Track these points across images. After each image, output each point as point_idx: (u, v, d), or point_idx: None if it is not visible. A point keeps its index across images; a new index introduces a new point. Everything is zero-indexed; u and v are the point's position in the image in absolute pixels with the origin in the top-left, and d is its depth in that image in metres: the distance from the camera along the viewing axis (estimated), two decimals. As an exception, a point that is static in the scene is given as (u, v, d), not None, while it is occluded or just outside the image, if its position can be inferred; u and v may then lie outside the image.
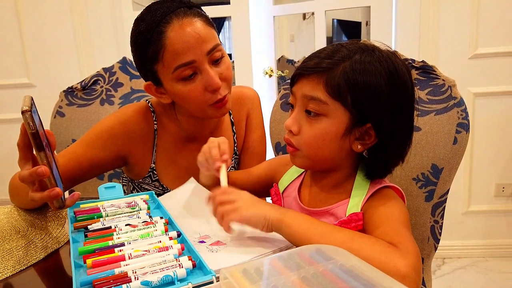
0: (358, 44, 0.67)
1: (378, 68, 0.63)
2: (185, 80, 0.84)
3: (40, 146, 0.57)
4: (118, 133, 0.93)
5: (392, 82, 0.64)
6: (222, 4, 2.13)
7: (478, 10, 1.85)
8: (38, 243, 0.71)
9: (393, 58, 0.66)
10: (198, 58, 0.82)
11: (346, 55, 0.65)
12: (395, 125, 0.66)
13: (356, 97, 0.63)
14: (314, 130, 0.67)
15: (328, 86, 0.64)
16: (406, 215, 0.66)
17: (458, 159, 0.93)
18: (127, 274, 0.48)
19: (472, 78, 1.91)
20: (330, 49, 0.67)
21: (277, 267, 0.47)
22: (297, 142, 0.69)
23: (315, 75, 0.65)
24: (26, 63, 2.16)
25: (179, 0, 0.85)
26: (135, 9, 2.15)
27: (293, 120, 0.69)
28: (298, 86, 0.68)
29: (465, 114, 0.91)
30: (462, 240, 2.11)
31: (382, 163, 0.69)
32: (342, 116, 0.65)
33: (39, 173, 0.58)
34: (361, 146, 0.68)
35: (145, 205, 0.70)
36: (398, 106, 0.65)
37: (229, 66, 0.89)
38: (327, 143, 0.67)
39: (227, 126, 1.05)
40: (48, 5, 2.09)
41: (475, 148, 1.98)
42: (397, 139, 0.68)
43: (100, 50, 2.13)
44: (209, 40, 0.83)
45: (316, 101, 0.65)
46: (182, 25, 0.81)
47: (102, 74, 1.36)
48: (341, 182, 0.72)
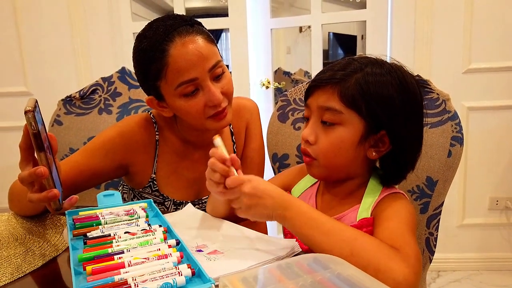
0: (369, 58, 0.71)
1: (389, 79, 0.67)
2: (187, 96, 0.86)
3: (41, 147, 0.58)
4: (120, 143, 0.94)
5: (403, 91, 0.67)
6: (221, 16, 2.16)
7: (471, 25, 1.89)
8: (36, 250, 0.71)
9: (402, 70, 0.70)
10: (200, 75, 0.84)
11: (358, 67, 0.68)
12: (408, 132, 0.69)
13: (370, 105, 0.66)
14: (330, 139, 0.69)
15: (343, 96, 0.67)
16: (413, 217, 0.68)
17: (452, 172, 0.94)
18: (127, 282, 0.49)
19: (466, 92, 1.94)
20: (343, 63, 0.70)
21: (275, 275, 0.48)
22: (314, 151, 0.71)
23: (329, 86, 0.68)
24: (24, 71, 2.16)
25: (181, 18, 0.87)
26: (134, 20, 2.18)
27: (310, 130, 0.71)
28: (313, 98, 0.71)
29: (459, 128, 0.93)
30: (456, 253, 2.12)
31: (396, 170, 0.72)
32: (357, 124, 0.68)
33: (38, 173, 0.59)
34: (376, 153, 0.71)
35: (144, 213, 0.71)
36: (410, 113, 0.69)
37: (229, 81, 0.91)
38: (344, 151, 0.69)
39: (227, 136, 1.07)
40: (47, 14, 2.10)
41: (469, 162, 2.01)
42: (410, 146, 0.71)
43: (97, 60, 2.14)
44: (211, 57, 0.85)
45: (332, 111, 0.68)
46: (185, 43, 0.83)
47: (100, 84, 1.37)
48: (354, 190, 0.75)
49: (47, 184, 0.61)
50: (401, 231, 0.63)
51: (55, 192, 0.61)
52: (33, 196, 0.62)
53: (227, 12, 2.13)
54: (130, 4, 2.16)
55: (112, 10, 2.13)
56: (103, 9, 2.12)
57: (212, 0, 3.64)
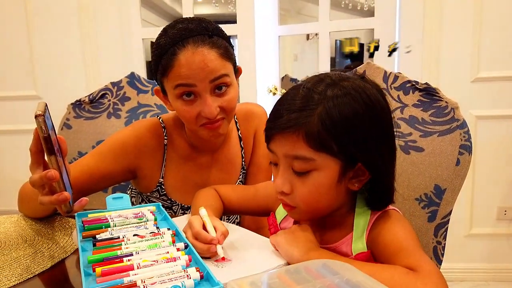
0: (324, 81, 0.63)
1: (352, 103, 0.60)
2: (184, 100, 0.87)
3: (51, 150, 0.58)
4: (129, 147, 0.96)
5: (370, 110, 0.61)
6: (229, 23, 2.18)
7: (480, 34, 1.89)
8: (45, 252, 0.72)
9: (362, 85, 0.63)
10: (200, 84, 0.85)
11: (317, 100, 0.61)
12: (384, 154, 0.64)
13: (341, 142, 0.60)
14: (307, 187, 0.63)
15: (310, 141, 0.60)
16: (413, 233, 0.65)
17: (460, 180, 0.94)
18: (136, 284, 0.49)
19: (474, 101, 1.94)
20: (299, 99, 0.62)
21: (284, 280, 0.48)
22: (292, 201, 0.66)
23: (291, 132, 0.61)
24: (34, 75, 2.19)
25: (204, 26, 0.87)
26: (143, 26, 2.20)
27: (282, 180, 0.65)
28: (276, 145, 0.64)
29: (468, 136, 0.93)
30: (464, 263, 2.09)
31: (383, 193, 0.67)
32: (332, 165, 0.62)
33: (49, 176, 0.60)
34: (358, 184, 0.65)
35: (152, 216, 0.71)
36: (380, 130, 0.63)
37: (232, 98, 0.90)
38: (324, 194, 0.64)
39: (235, 141, 1.07)
40: (57, 20, 2.14)
41: (476, 171, 1.99)
42: (387, 169, 0.66)
43: (106, 65, 2.17)
44: (217, 70, 0.85)
45: (301, 159, 0.62)
46: (195, 53, 0.84)
47: (110, 88, 1.38)
48: (342, 218, 0.70)
49: (58, 186, 0.62)
50: (411, 252, 0.59)
51: (66, 195, 0.62)
52: (44, 199, 0.63)
53: (236, 19, 2.15)
54: (139, 11, 2.19)
55: (122, 16, 2.16)
56: (113, 15, 2.15)
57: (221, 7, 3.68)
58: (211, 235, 0.64)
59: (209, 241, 0.64)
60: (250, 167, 1.09)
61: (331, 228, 0.70)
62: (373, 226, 0.66)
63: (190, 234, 0.66)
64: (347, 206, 0.69)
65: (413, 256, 0.58)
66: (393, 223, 0.65)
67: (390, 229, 0.64)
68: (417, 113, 0.98)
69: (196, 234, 0.65)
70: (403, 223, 0.66)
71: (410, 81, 1.00)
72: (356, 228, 0.67)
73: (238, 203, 0.88)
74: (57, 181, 0.61)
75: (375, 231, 0.66)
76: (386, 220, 0.66)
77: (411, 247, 0.60)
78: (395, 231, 0.64)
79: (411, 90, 0.99)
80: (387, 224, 0.65)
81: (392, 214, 0.68)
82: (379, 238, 0.64)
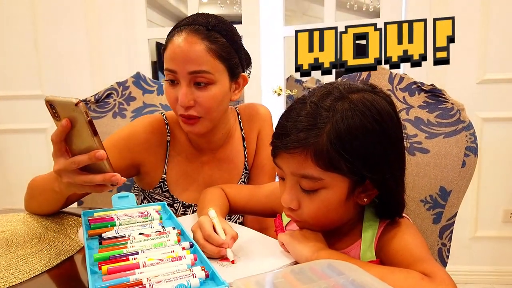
0: (332, 94, 0.61)
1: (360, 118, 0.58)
2: (169, 83, 0.91)
3: (95, 131, 0.62)
4: (133, 142, 0.97)
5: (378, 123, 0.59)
6: (234, 24, 2.18)
7: (486, 35, 1.88)
8: (52, 250, 0.72)
9: (371, 98, 0.61)
10: (180, 71, 0.88)
11: (325, 118, 0.58)
12: (394, 169, 0.62)
13: (350, 161, 0.58)
14: (315, 204, 0.62)
15: (318, 160, 0.58)
16: (423, 240, 0.64)
17: (466, 182, 0.94)
18: (141, 282, 0.49)
19: (480, 103, 1.93)
20: (307, 116, 0.60)
21: (289, 280, 0.48)
22: (300, 217, 0.65)
23: (299, 151, 0.59)
24: (40, 75, 2.21)
25: (208, 20, 0.90)
26: (149, 26, 2.21)
27: (290, 196, 0.63)
28: (283, 162, 0.63)
29: (474, 138, 0.93)
30: (469, 265, 2.08)
31: (392, 206, 0.65)
32: (341, 184, 0.61)
33: (98, 156, 0.63)
34: (367, 198, 0.64)
35: (158, 215, 0.71)
36: (390, 146, 0.62)
37: (211, 97, 0.90)
38: (332, 211, 0.63)
39: (238, 141, 1.07)
40: (63, 20, 2.15)
41: (482, 173, 1.98)
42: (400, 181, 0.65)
43: (112, 65, 2.18)
44: (197, 63, 0.87)
45: (309, 178, 0.60)
46: (183, 39, 0.87)
47: (115, 88, 1.39)
48: (350, 228, 0.69)
49: (106, 165, 0.65)
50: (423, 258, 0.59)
51: (118, 177, 0.66)
52: (96, 178, 0.66)
53: (241, 20, 2.15)
54: (145, 11, 2.19)
55: (127, 16, 2.17)
56: (119, 15, 2.16)
57: (226, 8, 3.69)
58: (222, 238, 0.64)
59: (220, 244, 0.64)
60: (253, 168, 1.09)
61: (339, 236, 0.69)
62: (382, 235, 0.65)
63: (200, 236, 0.66)
64: (355, 217, 0.68)
65: (426, 263, 0.57)
66: (403, 231, 0.64)
67: (400, 237, 0.63)
68: (423, 114, 0.98)
69: (208, 236, 0.65)
70: (413, 231, 0.65)
71: (416, 83, 0.99)
72: (364, 240, 0.66)
73: (244, 203, 0.88)
74: (106, 159, 0.64)
75: (384, 239, 0.65)
76: (395, 228, 0.65)
77: (423, 254, 0.59)
78: (405, 239, 0.63)
79: (416, 92, 0.99)
80: (397, 232, 0.64)
81: (401, 221, 0.67)
82: (389, 246, 0.63)
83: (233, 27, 0.96)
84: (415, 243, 0.62)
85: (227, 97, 0.94)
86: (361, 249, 0.65)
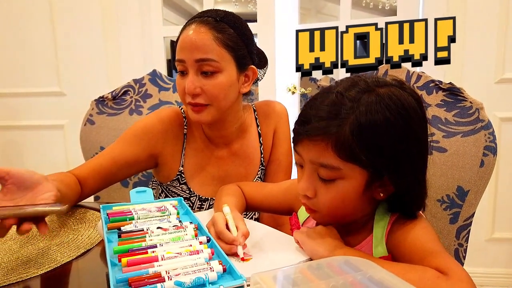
0: (358, 85, 0.61)
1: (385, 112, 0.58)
2: (180, 74, 0.94)
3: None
4: (153, 131, 0.99)
5: (404, 119, 0.59)
6: (249, 22, 2.18)
7: (505, 34, 1.84)
8: (71, 243, 0.74)
9: (398, 93, 0.60)
10: (187, 60, 0.90)
11: (349, 109, 0.58)
12: (415, 167, 0.61)
13: (371, 155, 0.58)
14: (331, 194, 0.62)
15: (339, 150, 0.58)
16: (436, 234, 0.63)
17: (484, 182, 0.92)
18: (160, 274, 0.50)
19: (499, 102, 1.89)
20: (330, 105, 0.60)
21: (306, 275, 0.48)
22: (315, 205, 0.65)
23: (320, 139, 0.59)
24: (59, 72, 2.24)
25: (218, 13, 0.93)
26: (165, 24, 2.23)
27: (307, 184, 0.64)
28: (303, 149, 0.63)
29: (493, 137, 0.91)
30: (485, 267, 2.05)
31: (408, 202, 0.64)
32: (359, 176, 0.60)
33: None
34: (384, 194, 0.63)
35: (175, 210, 0.72)
36: (414, 144, 0.61)
37: (217, 84, 0.91)
38: (348, 202, 0.63)
39: (254, 137, 1.08)
40: (81, 18, 2.18)
41: (500, 174, 1.95)
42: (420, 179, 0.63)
43: (128, 63, 2.20)
44: (203, 51, 0.89)
45: (328, 167, 0.60)
46: (192, 29, 0.90)
47: (132, 85, 1.41)
48: (362, 224, 0.69)
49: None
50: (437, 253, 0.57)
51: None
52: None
53: (256, 18, 2.15)
54: (161, 10, 2.21)
55: (143, 15, 2.19)
56: (135, 14, 2.18)
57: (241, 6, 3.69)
58: (233, 236, 0.65)
59: (231, 242, 0.64)
60: (269, 164, 1.10)
61: (351, 233, 0.69)
62: (392, 229, 0.65)
63: (213, 232, 0.67)
64: (368, 214, 0.68)
65: (441, 258, 0.56)
66: (415, 224, 0.63)
67: (412, 232, 0.62)
68: (440, 113, 0.97)
69: (219, 233, 0.66)
70: (425, 225, 0.64)
71: (434, 81, 0.98)
72: (375, 234, 0.65)
73: (261, 201, 0.89)
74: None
75: (396, 233, 0.64)
76: (407, 222, 0.64)
77: (436, 248, 0.59)
78: (418, 233, 0.62)
79: (434, 90, 0.98)
80: (408, 225, 0.63)
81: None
82: (401, 241, 0.62)
83: (243, 22, 0.98)
84: (427, 237, 0.61)
85: (234, 87, 0.95)
86: (373, 243, 0.65)
